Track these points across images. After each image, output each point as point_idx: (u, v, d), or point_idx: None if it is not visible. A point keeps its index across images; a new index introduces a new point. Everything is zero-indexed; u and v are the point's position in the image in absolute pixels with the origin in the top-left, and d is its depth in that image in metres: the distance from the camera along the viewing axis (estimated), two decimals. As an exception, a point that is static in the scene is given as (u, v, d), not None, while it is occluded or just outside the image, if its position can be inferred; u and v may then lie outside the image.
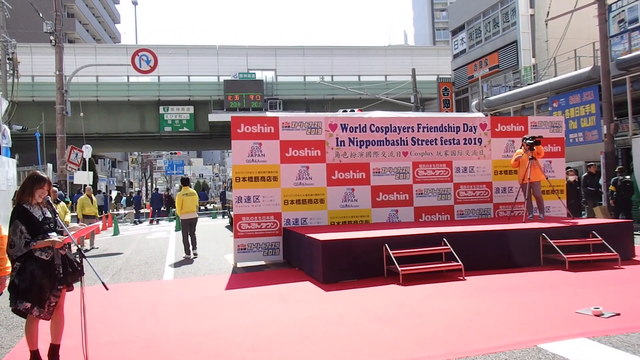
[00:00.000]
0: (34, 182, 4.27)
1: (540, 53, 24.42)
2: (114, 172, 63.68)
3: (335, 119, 10.61)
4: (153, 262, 11.12)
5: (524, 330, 4.92)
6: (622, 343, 4.48)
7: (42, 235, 4.17)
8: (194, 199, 12.03)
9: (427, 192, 10.86)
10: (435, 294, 6.66)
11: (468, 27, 29.78)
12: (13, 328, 5.89)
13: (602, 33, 15.46)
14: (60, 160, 21.79)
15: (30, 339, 4.25)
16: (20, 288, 4.08)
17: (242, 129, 9.84)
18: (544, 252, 8.44)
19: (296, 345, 4.79)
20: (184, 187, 12.16)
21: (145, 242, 15.87)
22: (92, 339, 4.27)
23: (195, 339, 5.11)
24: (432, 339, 4.79)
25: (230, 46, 38.53)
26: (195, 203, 12.09)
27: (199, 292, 7.63)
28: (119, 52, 36.34)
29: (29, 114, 31.05)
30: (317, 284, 7.62)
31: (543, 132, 11.21)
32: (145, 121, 36.75)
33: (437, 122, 11.06)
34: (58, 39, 21.35)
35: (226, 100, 35.52)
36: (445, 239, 8.10)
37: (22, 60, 25.71)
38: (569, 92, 19.09)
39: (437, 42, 68.82)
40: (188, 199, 11.86)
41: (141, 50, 23.31)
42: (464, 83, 30.31)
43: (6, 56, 23.18)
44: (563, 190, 11.63)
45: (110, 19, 70.26)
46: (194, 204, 11.99)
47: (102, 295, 6.51)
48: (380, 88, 34.64)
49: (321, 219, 10.22)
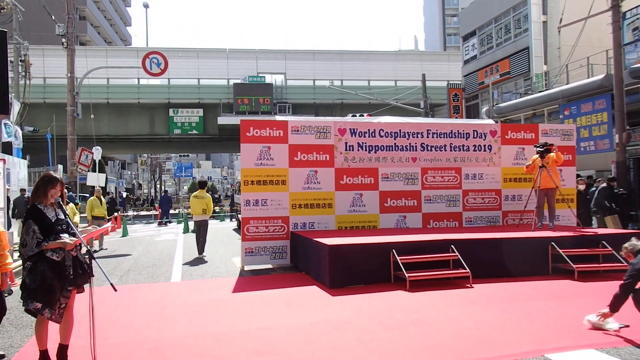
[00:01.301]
0: (46, 183, 4.32)
1: (552, 60, 24.30)
2: (123, 174, 64.05)
3: (344, 124, 10.62)
4: (161, 264, 11.16)
5: (531, 340, 4.89)
6: (630, 355, 4.44)
7: (54, 236, 4.21)
8: (201, 202, 12.15)
9: (435, 198, 10.83)
10: (442, 302, 6.64)
11: (479, 33, 29.70)
12: (23, 327, 5.94)
13: (615, 41, 15.34)
14: (71, 162, 21.92)
15: (40, 339, 4.29)
16: (31, 288, 4.12)
17: (251, 132, 9.87)
18: (553, 261, 8.38)
19: (301, 351, 4.79)
20: (199, 190, 12.51)
21: (154, 243, 15.93)
22: (100, 340, 4.29)
23: (202, 342, 5.13)
24: (437, 347, 4.77)
25: (240, 49, 38.69)
26: (203, 206, 12.13)
27: (206, 295, 7.66)
28: (129, 55, 36.61)
29: (41, 115, 31.33)
30: (324, 288, 7.62)
31: (554, 140, 11.15)
32: (155, 123, 36.97)
33: (446, 128, 11.04)
34: (70, 41, 21.52)
35: (235, 104, 35.64)
36: (453, 246, 8.07)
37: (34, 62, 25.90)
38: (580, 100, 18.95)
39: (448, 48, 68.64)
40: (195, 200, 12.20)
41: (152, 53, 23.45)
42: (475, 89, 30.21)
43: (19, 58, 23.40)
44: (573, 199, 11.55)
45: (122, 22, 70.76)
46: (200, 207, 12.09)
47: (110, 296, 6.55)
48: (389, 93, 34.60)
49: (329, 224, 10.22)
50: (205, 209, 12.17)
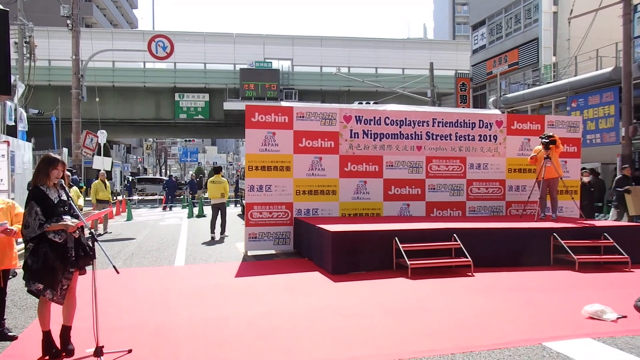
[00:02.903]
0: (48, 164, 4.33)
1: (561, 51, 24.08)
2: (128, 158, 64.17)
3: (349, 111, 10.60)
4: (165, 248, 11.24)
5: (530, 329, 4.92)
6: (627, 345, 4.47)
7: (56, 217, 4.23)
8: (218, 187, 13.23)
9: (439, 187, 10.84)
10: (443, 289, 6.67)
11: (489, 23, 29.43)
12: (27, 309, 6.01)
13: (626, 33, 15.19)
14: (76, 145, 21.97)
15: (43, 320, 4.34)
16: (33, 269, 4.16)
17: (257, 117, 9.87)
18: (554, 252, 8.40)
19: (303, 336, 4.84)
20: (215, 175, 13.72)
21: (158, 228, 16.03)
22: (103, 323, 4.34)
23: (204, 326, 5.18)
24: (437, 334, 4.81)
25: (247, 34, 38.48)
26: (220, 190, 13.20)
27: (209, 279, 7.72)
28: (135, 38, 36.45)
29: (46, 98, 31.30)
30: (326, 274, 7.67)
31: (560, 132, 11.11)
32: (161, 108, 36.94)
33: (452, 118, 11.01)
34: (75, 23, 21.42)
35: (242, 89, 35.56)
36: (455, 235, 8.09)
37: (39, 44, 25.82)
38: (588, 93, 18.82)
39: (457, 37, 67.95)
40: (212, 185, 13.34)
41: (158, 37, 23.32)
42: (482, 79, 30.01)
43: (23, 39, 23.34)
44: (577, 191, 11.54)
45: (128, 4, 70.32)
46: (218, 191, 13.19)
47: (114, 279, 6.64)
48: (397, 81, 34.40)
49: (332, 211, 10.25)
50: (222, 192, 13.26)
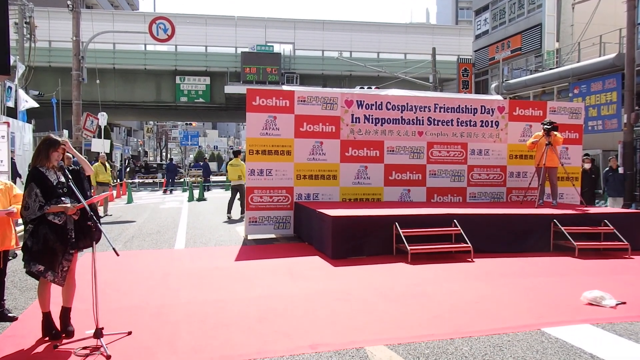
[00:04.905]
0: (48, 146, 4.31)
1: (564, 37, 23.91)
2: (129, 141, 64.07)
3: (351, 95, 10.54)
4: (165, 231, 11.26)
5: (529, 314, 4.94)
6: (625, 331, 4.49)
7: (55, 199, 4.22)
8: (236, 169, 13.87)
9: (440, 173, 10.81)
10: (443, 274, 6.69)
11: (492, 8, 29.18)
12: (27, 290, 6.04)
13: (629, 20, 15.05)
14: (76, 127, 21.87)
15: (43, 301, 4.35)
16: (33, 250, 4.16)
17: (258, 101, 9.82)
18: (555, 239, 8.41)
19: (302, 319, 4.85)
20: (234, 159, 14.49)
21: (159, 211, 16.05)
22: (103, 304, 4.35)
23: (204, 308, 5.20)
24: (436, 319, 4.83)
25: (249, 17, 38.20)
26: (238, 173, 13.77)
27: (209, 262, 7.74)
28: (136, 20, 36.17)
29: (46, 79, 31.16)
30: (326, 259, 7.68)
31: (562, 118, 11.07)
32: (162, 91, 36.78)
33: (454, 103, 10.95)
34: (75, 4, 21.18)
35: (243, 73, 35.38)
36: (455, 221, 8.09)
37: (40, 25, 25.63)
38: (591, 79, 18.71)
39: (460, 22, 67.34)
40: (231, 168, 14.20)
41: (159, 19, 23.08)
42: (485, 65, 29.84)
43: (23, 20, 23.16)
44: (578, 178, 11.52)
45: (129, -14, 69.74)
46: (235, 174, 13.87)
47: (114, 261, 6.65)
48: (399, 66, 34.19)
49: (333, 195, 10.25)
50: (240, 175, 13.67)
